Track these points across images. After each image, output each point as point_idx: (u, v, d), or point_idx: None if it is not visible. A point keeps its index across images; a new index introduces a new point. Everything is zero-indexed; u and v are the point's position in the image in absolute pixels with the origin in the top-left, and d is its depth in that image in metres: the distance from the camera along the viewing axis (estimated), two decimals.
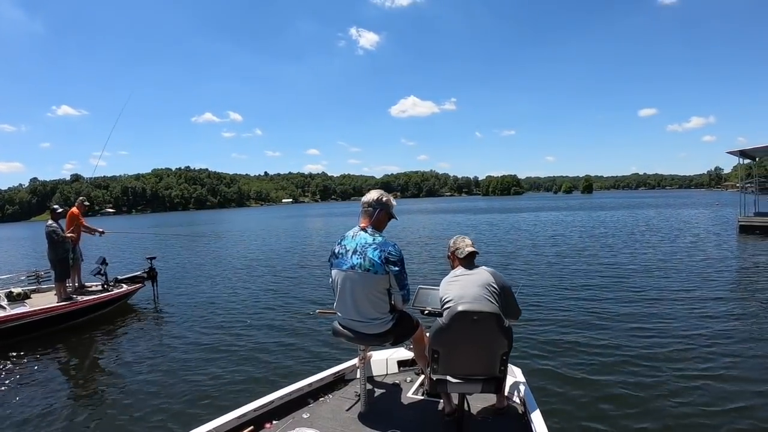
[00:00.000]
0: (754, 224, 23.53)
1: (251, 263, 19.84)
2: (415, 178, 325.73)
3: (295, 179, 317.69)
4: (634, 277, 12.74)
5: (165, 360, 7.86)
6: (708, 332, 7.83)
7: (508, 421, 3.63)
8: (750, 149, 25.55)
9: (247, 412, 3.56)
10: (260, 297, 12.51)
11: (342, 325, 3.69)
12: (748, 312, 9.09)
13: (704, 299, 10.00)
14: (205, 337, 9.05)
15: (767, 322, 8.40)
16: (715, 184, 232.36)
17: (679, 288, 11.20)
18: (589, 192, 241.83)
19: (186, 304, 12.09)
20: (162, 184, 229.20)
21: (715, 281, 11.99)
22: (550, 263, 15.77)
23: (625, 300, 10.23)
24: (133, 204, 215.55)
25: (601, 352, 7.14)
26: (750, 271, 13.54)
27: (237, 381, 6.75)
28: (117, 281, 11.70)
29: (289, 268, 17.68)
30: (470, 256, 3.70)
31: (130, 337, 9.44)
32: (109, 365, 7.96)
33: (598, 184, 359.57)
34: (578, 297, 10.66)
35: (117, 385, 6.94)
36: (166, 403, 6.15)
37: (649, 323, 8.46)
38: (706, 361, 6.65)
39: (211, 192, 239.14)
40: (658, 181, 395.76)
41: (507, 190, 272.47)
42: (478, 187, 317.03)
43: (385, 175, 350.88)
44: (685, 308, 9.35)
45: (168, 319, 10.75)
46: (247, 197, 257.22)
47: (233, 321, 10.14)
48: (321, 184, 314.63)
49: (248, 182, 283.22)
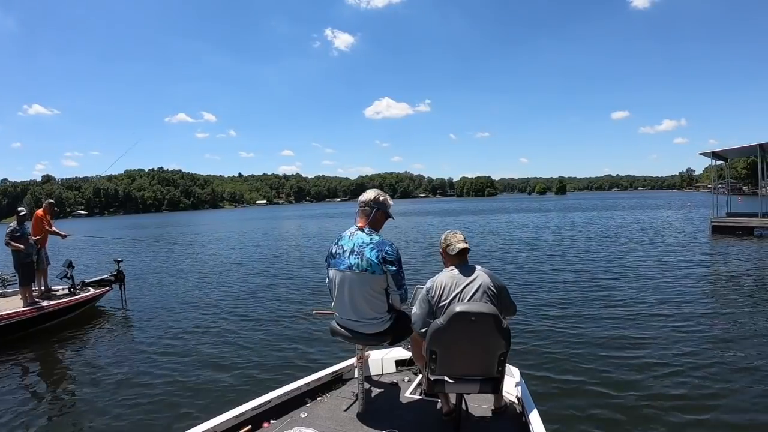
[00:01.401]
0: (727, 224, 23.94)
1: (223, 265, 19.57)
2: (389, 180, 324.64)
3: (269, 180, 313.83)
4: (616, 278, 12.92)
5: (135, 365, 7.64)
6: (689, 328, 8.12)
7: (505, 420, 3.62)
8: (722, 150, 26.06)
9: (244, 411, 3.54)
10: (238, 299, 12.31)
11: (340, 325, 3.68)
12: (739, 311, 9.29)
13: (681, 301, 10.19)
14: (174, 340, 8.90)
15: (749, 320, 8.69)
16: (687, 185, 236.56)
17: (658, 289, 11.42)
18: (562, 193, 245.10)
19: (155, 306, 11.91)
20: (135, 185, 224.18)
21: (691, 280, 12.34)
22: (538, 264, 15.94)
23: (612, 301, 10.36)
24: (106, 206, 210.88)
25: (601, 352, 7.20)
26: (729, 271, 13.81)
27: (201, 386, 6.61)
28: (84, 284, 11.42)
29: (270, 269, 17.50)
30: (462, 253, 3.53)
31: (98, 342, 9.18)
32: (77, 372, 7.64)
33: (572, 185, 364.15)
34: (573, 299, 10.72)
35: (85, 392, 6.69)
36: (136, 410, 5.93)
37: (639, 323, 8.59)
38: (694, 356, 6.84)
39: (184, 193, 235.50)
40: (630, 182, 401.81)
41: (481, 191, 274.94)
42: (453, 188, 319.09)
43: (360, 176, 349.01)
44: (667, 309, 9.50)
45: (137, 322, 10.55)
46: (220, 199, 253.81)
47: (204, 323, 9.98)
48: (295, 185, 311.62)
49: (222, 183, 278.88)
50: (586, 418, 5.26)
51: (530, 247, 20.92)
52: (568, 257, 17.29)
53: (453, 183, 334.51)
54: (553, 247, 20.90)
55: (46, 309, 9.78)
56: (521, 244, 22.48)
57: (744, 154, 37.62)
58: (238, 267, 18.86)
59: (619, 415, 5.28)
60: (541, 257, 17.52)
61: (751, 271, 13.69)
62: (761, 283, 12.03)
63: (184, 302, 12.18)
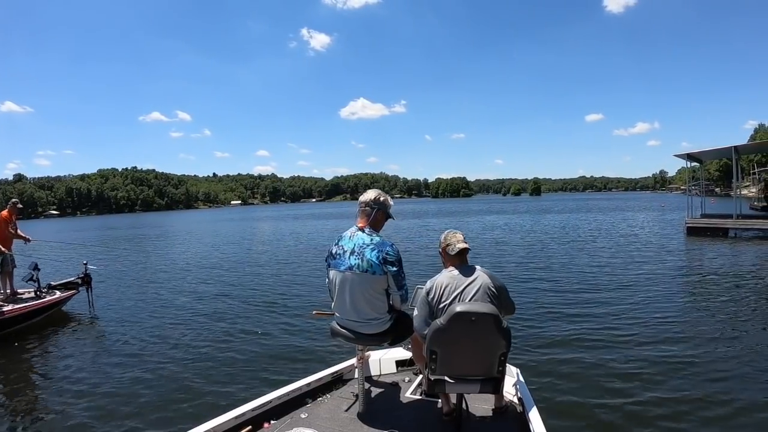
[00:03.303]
0: (702, 226, 24.18)
1: (200, 267, 19.24)
2: (364, 180, 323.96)
3: (244, 181, 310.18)
4: (596, 280, 12.96)
5: (103, 370, 7.37)
6: (689, 327, 8.37)
7: (506, 420, 3.64)
8: (697, 152, 26.39)
9: (245, 411, 3.54)
10: (227, 301, 12.15)
11: (340, 325, 3.68)
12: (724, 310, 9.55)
13: (662, 300, 10.43)
14: (144, 344, 8.67)
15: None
16: (660, 186, 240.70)
17: (635, 288, 11.64)
18: (537, 194, 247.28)
19: (123, 309, 11.65)
20: (108, 185, 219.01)
21: (668, 280, 12.70)
22: (532, 264, 16.25)
23: (600, 300, 10.49)
24: (78, 206, 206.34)
25: (600, 352, 7.24)
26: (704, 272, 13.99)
27: (176, 393, 6.40)
28: (50, 287, 11.00)
29: (261, 269, 17.44)
30: (462, 253, 3.51)
31: (65, 347, 8.86)
32: (43, 378, 7.35)
33: (547, 186, 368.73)
34: (573, 299, 10.80)
35: (51, 400, 6.43)
36: (103, 417, 5.72)
37: (639, 324, 8.64)
38: (694, 355, 6.98)
39: (158, 193, 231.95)
40: (604, 183, 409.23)
41: (456, 192, 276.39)
42: (428, 189, 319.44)
43: (335, 176, 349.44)
44: (648, 310, 9.65)
45: (105, 325, 10.27)
46: (195, 199, 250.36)
47: (175, 327, 9.78)
48: (270, 185, 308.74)
49: (196, 183, 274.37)
50: (586, 418, 5.30)
51: (508, 252, 20.67)
52: (555, 259, 17.30)
53: (428, 184, 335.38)
54: (534, 249, 20.94)
55: (10, 313, 9.37)
56: (498, 247, 22.59)
57: (719, 155, 38.43)
58: (218, 267, 18.53)
59: (620, 415, 5.31)
60: (525, 259, 17.60)
61: (729, 271, 13.86)
62: (741, 284, 12.15)
63: (157, 305, 11.84)
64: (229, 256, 22.73)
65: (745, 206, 32.71)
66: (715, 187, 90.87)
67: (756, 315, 9.24)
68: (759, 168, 56.83)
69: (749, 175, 63.66)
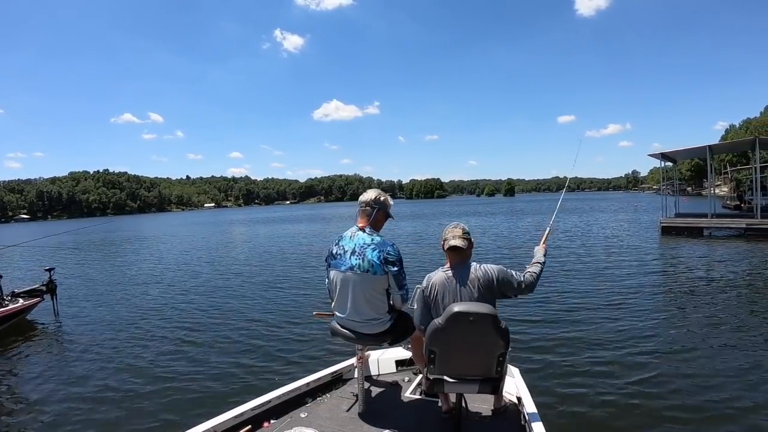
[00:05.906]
0: (676, 225, 24.31)
1: (173, 270, 18.76)
2: (338, 182, 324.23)
3: (217, 183, 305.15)
4: (587, 279, 12.91)
5: (70, 380, 7.05)
6: (688, 329, 8.32)
7: (505, 420, 3.65)
8: (671, 152, 26.65)
9: (244, 411, 3.56)
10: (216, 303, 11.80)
11: (340, 325, 3.68)
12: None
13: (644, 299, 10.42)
14: (112, 352, 8.33)
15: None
16: (632, 186, 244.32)
17: (613, 288, 11.60)
18: (511, 195, 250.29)
19: (90, 316, 11.23)
20: (79, 187, 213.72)
21: (645, 280, 12.75)
22: None
23: (595, 301, 10.41)
24: (49, 209, 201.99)
25: (600, 353, 7.23)
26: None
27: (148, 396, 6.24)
28: (14, 295, 10.55)
29: (256, 271, 17.11)
30: (455, 250, 3.38)
31: (29, 356, 8.50)
32: (6, 390, 6.98)
33: (520, 187, 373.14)
34: (572, 299, 10.71)
35: (17, 412, 6.16)
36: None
37: (637, 323, 8.65)
38: (692, 355, 7.03)
39: (130, 196, 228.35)
40: (577, 183, 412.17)
41: (431, 193, 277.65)
42: (402, 190, 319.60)
43: (309, 178, 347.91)
44: (634, 308, 9.68)
45: (70, 334, 9.85)
46: (168, 202, 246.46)
47: (151, 331, 9.52)
48: (244, 188, 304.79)
49: (169, 186, 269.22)
50: (586, 418, 5.31)
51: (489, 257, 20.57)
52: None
53: (402, 185, 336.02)
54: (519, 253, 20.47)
55: None
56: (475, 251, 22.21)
57: (693, 155, 38.93)
58: (199, 270, 18.08)
59: (620, 415, 5.32)
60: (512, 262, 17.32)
61: (704, 270, 14.04)
62: (719, 282, 12.25)
63: (117, 315, 11.23)
64: (214, 259, 22.29)
65: (718, 205, 33.13)
66: (687, 187, 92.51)
67: (758, 314, 9.20)
68: (731, 168, 58.08)
69: (720, 174, 65.09)
